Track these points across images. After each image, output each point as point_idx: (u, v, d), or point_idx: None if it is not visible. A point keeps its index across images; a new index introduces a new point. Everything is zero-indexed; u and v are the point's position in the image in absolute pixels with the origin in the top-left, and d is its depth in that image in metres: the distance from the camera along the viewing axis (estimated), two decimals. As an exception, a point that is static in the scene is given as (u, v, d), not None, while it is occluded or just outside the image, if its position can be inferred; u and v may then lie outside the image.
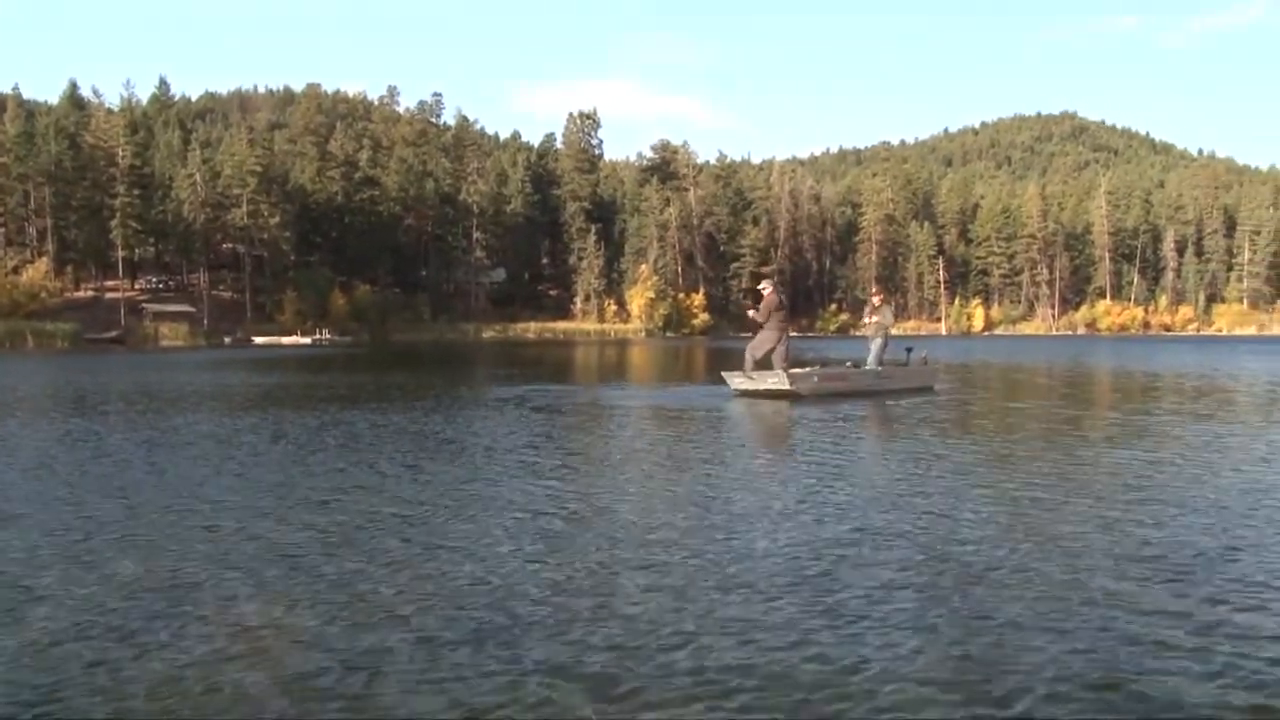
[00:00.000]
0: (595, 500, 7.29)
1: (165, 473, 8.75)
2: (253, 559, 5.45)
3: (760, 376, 17.77)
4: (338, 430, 12.15)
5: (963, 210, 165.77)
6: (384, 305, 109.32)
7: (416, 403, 16.70)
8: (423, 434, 11.73)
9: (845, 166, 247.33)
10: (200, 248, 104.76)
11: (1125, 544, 5.71)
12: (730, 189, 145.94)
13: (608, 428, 12.70)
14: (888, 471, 8.66)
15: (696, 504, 7.08)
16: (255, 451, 10.26)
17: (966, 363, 35.83)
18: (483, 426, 12.61)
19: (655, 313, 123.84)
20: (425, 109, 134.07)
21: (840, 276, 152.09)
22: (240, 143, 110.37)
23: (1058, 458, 9.46)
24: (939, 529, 6.13)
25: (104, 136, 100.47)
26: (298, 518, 6.61)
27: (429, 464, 9.22)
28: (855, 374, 19.02)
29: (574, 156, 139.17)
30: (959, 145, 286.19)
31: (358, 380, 25.15)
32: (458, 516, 6.64)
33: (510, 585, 4.91)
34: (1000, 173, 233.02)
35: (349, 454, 9.93)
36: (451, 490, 7.75)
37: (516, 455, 9.80)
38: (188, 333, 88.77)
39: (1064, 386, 22.95)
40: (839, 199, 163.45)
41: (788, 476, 8.43)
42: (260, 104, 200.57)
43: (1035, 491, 7.49)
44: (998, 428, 12.71)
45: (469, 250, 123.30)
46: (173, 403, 17.20)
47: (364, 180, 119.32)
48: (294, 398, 18.51)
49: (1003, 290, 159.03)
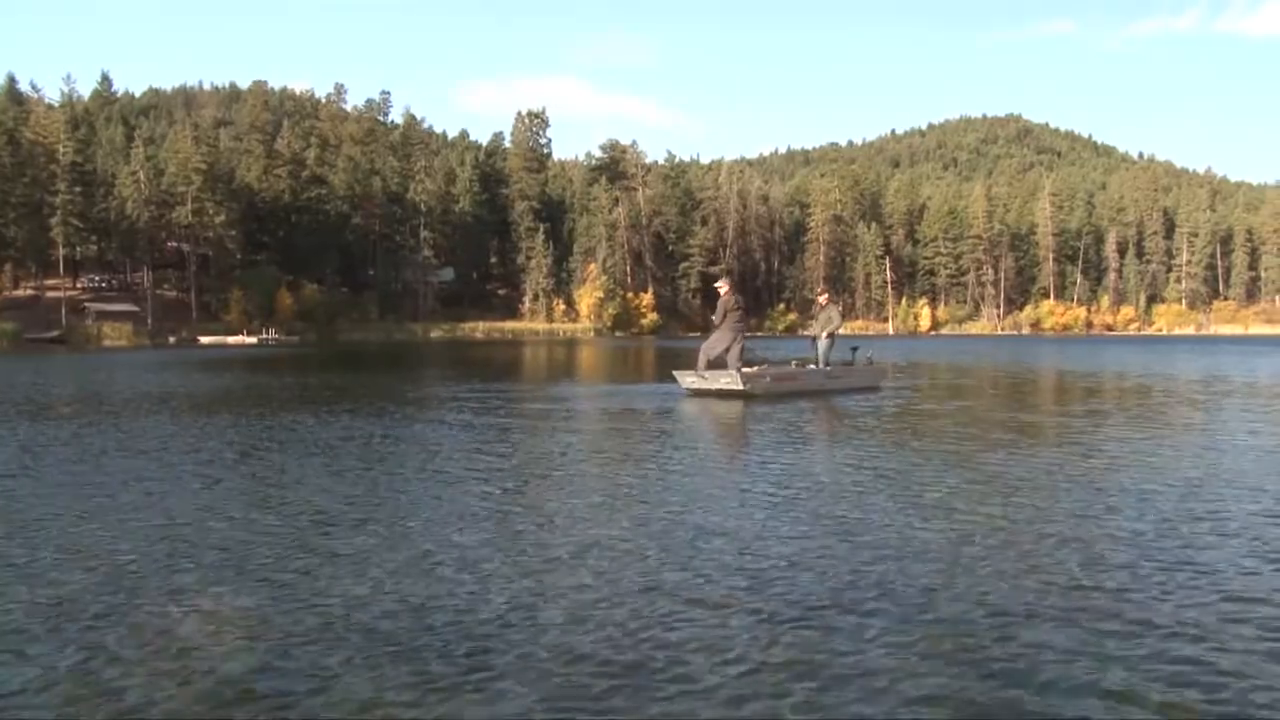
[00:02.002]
0: (540, 502, 7.25)
1: (108, 480, 8.60)
2: (199, 561, 5.37)
3: (713, 376, 17.77)
4: (283, 433, 12.02)
5: (910, 211, 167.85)
6: (331, 305, 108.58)
7: (360, 404, 16.56)
8: (363, 437, 11.63)
9: (794, 167, 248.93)
10: (144, 246, 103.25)
11: (1031, 537, 5.81)
12: (679, 189, 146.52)
13: (556, 428, 12.63)
14: (837, 471, 8.72)
15: (648, 502, 7.09)
16: (204, 457, 10.12)
17: (912, 362, 36.21)
18: (425, 429, 12.53)
19: (604, 312, 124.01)
20: (373, 107, 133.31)
21: (788, 276, 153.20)
22: (185, 140, 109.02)
23: (991, 455, 9.62)
24: (890, 523, 6.20)
25: (44, 132, 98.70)
26: (243, 520, 6.53)
27: (359, 469, 9.15)
28: (806, 374, 19.15)
29: (522, 156, 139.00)
30: (906, 146, 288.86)
31: (305, 381, 24.89)
32: (382, 520, 6.58)
33: (428, 594, 4.88)
34: (947, 174, 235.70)
35: (291, 458, 9.83)
36: (383, 495, 7.68)
37: (457, 458, 9.71)
38: (131, 332, 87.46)
39: (1005, 386, 23.31)
40: (787, 199, 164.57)
41: (748, 474, 8.47)
42: (205, 101, 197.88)
43: (971, 488, 7.61)
44: (938, 427, 12.86)
45: (417, 249, 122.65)
46: (123, 406, 16.94)
47: (311, 179, 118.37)
48: (240, 400, 18.29)
49: (949, 290, 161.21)
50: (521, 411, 15.11)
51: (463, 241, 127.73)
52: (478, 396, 18.13)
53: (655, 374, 27.54)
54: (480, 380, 24.36)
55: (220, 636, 4.18)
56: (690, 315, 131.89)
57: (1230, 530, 6.08)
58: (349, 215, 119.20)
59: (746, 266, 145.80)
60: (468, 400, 17.14)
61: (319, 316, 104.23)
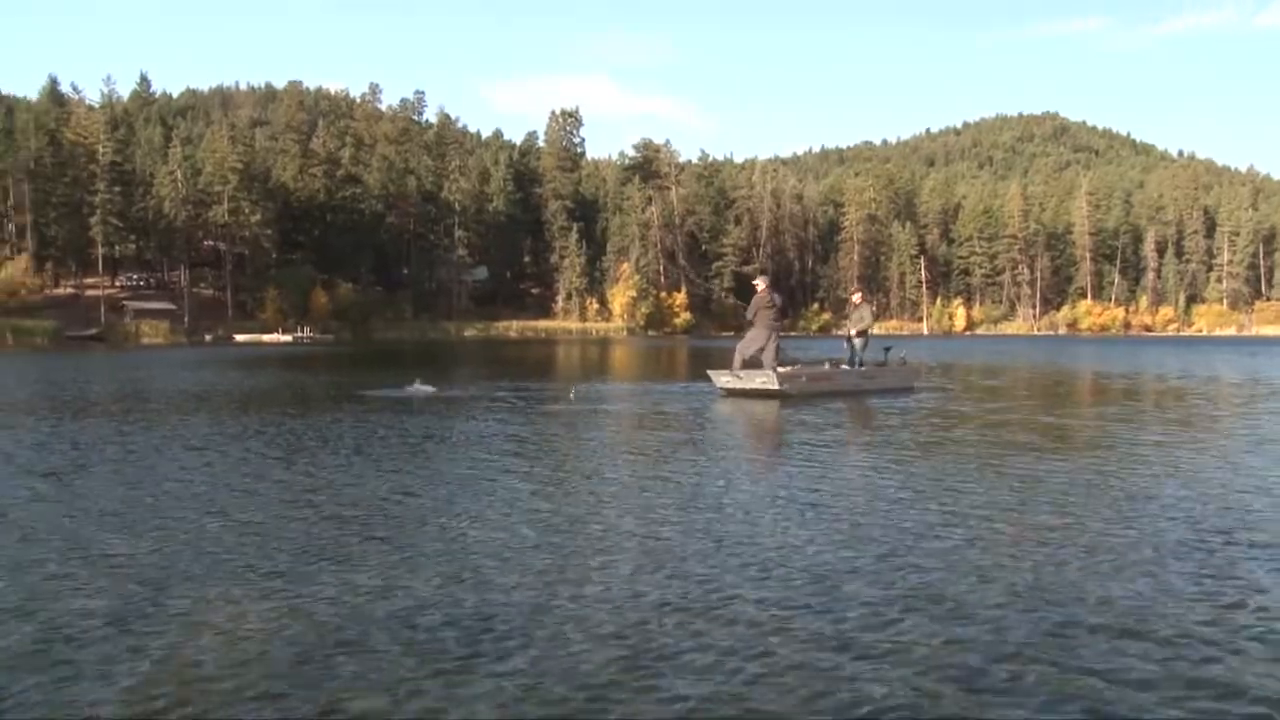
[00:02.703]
0: (575, 503, 7.27)
1: (149, 478, 8.71)
2: (245, 566, 5.45)
3: (748, 376, 17.70)
4: (325, 429, 12.13)
5: (944, 210, 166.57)
6: (366, 303, 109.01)
7: (398, 404, 16.66)
8: (399, 435, 11.71)
9: (828, 166, 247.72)
10: (181, 245, 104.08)
11: (1074, 549, 5.78)
12: (712, 188, 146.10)
13: (590, 427, 12.68)
14: (873, 475, 8.71)
15: (687, 506, 7.11)
16: (248, 455, 10.22)
17: (946, 362, 35.98)
18: (461, 428, 12.58)
19: (637, 311, 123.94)
20: (407, 107, 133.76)
21: (822, 276, 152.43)
22: (222, 140, 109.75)
23: (1028, 460, 9.55)
24: (934, 537, 6.18)
25: (84, 133, 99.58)
26: (293, 518, 6.61)
27: (394, 468, 9.21)
28: (840, 374, 19.09)
29: (556, 155, 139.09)
30: (941, 145, 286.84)
31: (339, 380, 25.09)
32: (426, 520, 6.65)
33: (476, 589, 4.93)
34: (982, 173, 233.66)
35: (331, 454, 9.92)
36: (426, 493, 7.74)
37: (495, 457, 9.78)
38: (168, 331, 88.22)
39: (1041, 388, 23.11)
40: (821, 198, 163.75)
41: (782, 479, 8.47)
42: (242, 101, 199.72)
43: (1008, 494, 7.57)
44: (974, 430, 12.78)
45: (451, 248, 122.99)
46: (165, 404, 17.13)
47: (346, 178, 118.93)
48: (279, 398, 18.45)
49: (984, 290, 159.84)
50: (553, 412, 15.14)
51: (496, 240, 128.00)
52: (511, 396, 18.19)
53: (689, 373, 27.56)
54: (513, 379, 24.42)
55: (267, 636, 4.24)
56: (724, 315, 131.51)
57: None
58: (383, 214, 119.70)
59: (780, 266, 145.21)
60: (502, 400, 17.20)
61: (353, 315, 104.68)
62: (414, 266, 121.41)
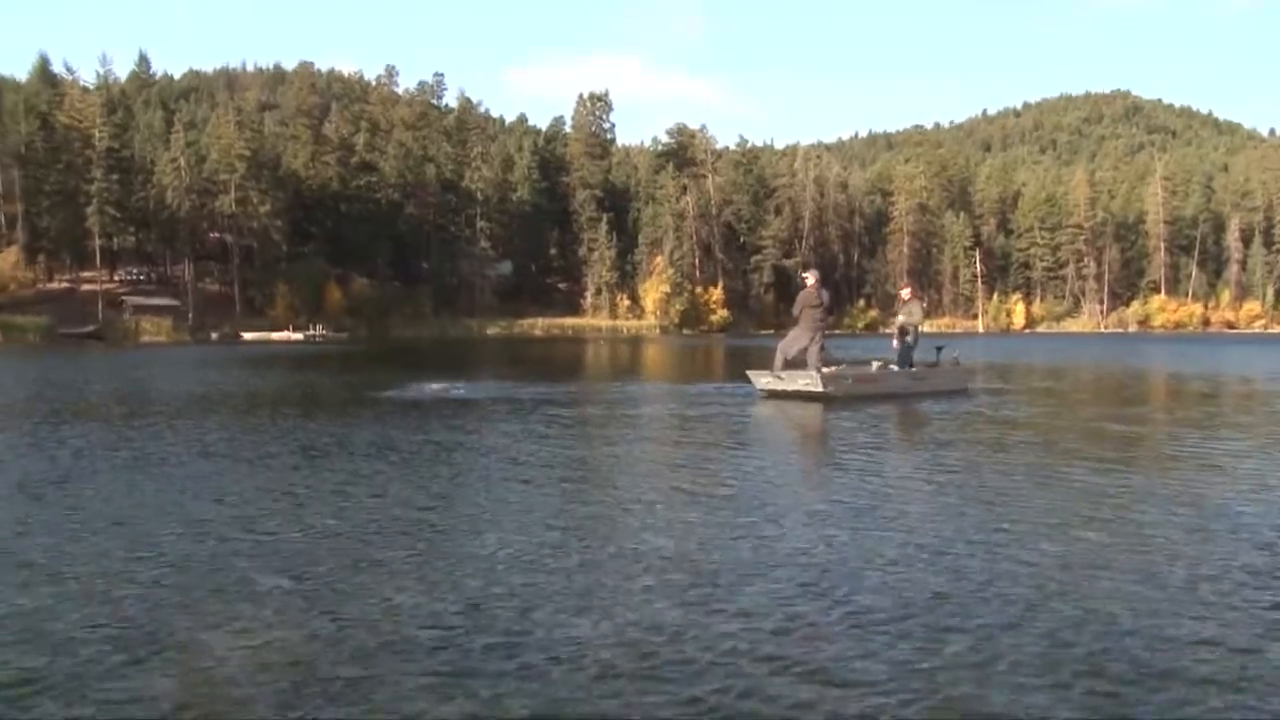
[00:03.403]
0: (607, 515, 7.33)
1: (157, 487, 8.83)
2: (246, 577, 5.54)
3: (790, 376, 17.69)
4: (342, 434, 12.24)
5: (1002, 199, 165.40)
6: (382, 299, 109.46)
7: (421, 407, 16.75)
8: (425, 439, 11.80)
9: (875, 152, 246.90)
10: (184, 237, 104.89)
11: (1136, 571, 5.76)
12: (751, 176, 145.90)
13: (622, 431, 12.74)
14: (923, 485, 8.70)
15: (716, 516, 7.15)
16: (264, 460, 10.33)
17: (1003, 362, 35.73)
18: (488, 433, 12.66)
19: (671, 308, 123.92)
20: (426, 90, 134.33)
21: (869, 270, 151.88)
22: (227, 125, 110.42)
23: (1094, 471, 9.43)
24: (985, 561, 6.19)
25: (78, 116, 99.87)
26: (305, 522, 6.71)
27: (429, 472, 9.30)
28: (889, 375, 19.04)
29: (584, 141, 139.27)
30: (999, 128, 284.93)
31: (353, 379, 25.23)
32: (458, 529, 6.72)
33: (518, 596, 5.00)
34: (1044, 158, 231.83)
35: (351, 461, 10.02)
36: (454, 500, 7.82)
37: (518, 465, 9.83)
38: (171, 328, 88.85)
39: (1108, 391, 22.92)
40: (868, 187, 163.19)
41: (826, 487, 8.49)
42: (249, 83, 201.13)
43: (1072, 508, 7.55)
44: (1032, 437, 12.71)
45: (473, 241, 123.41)
46: (168, 408, 17.29)
47: (361, 165, 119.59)
48: (292, 400, 18.60)
49: (1045, 285, 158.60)
50: (583, 416, 15.22)
51: (521, 232, 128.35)
52: (538, 398, 18.22)
53: (726, 374, 27.53)
54: (539, 380, 24.42)
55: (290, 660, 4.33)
56: (763, 311, 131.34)
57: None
58: (401, 204, 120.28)
59: (824, 259, 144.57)
60: (528, 402, 17.24)
61: (369, 312, 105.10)
62: (433, 260, 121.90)
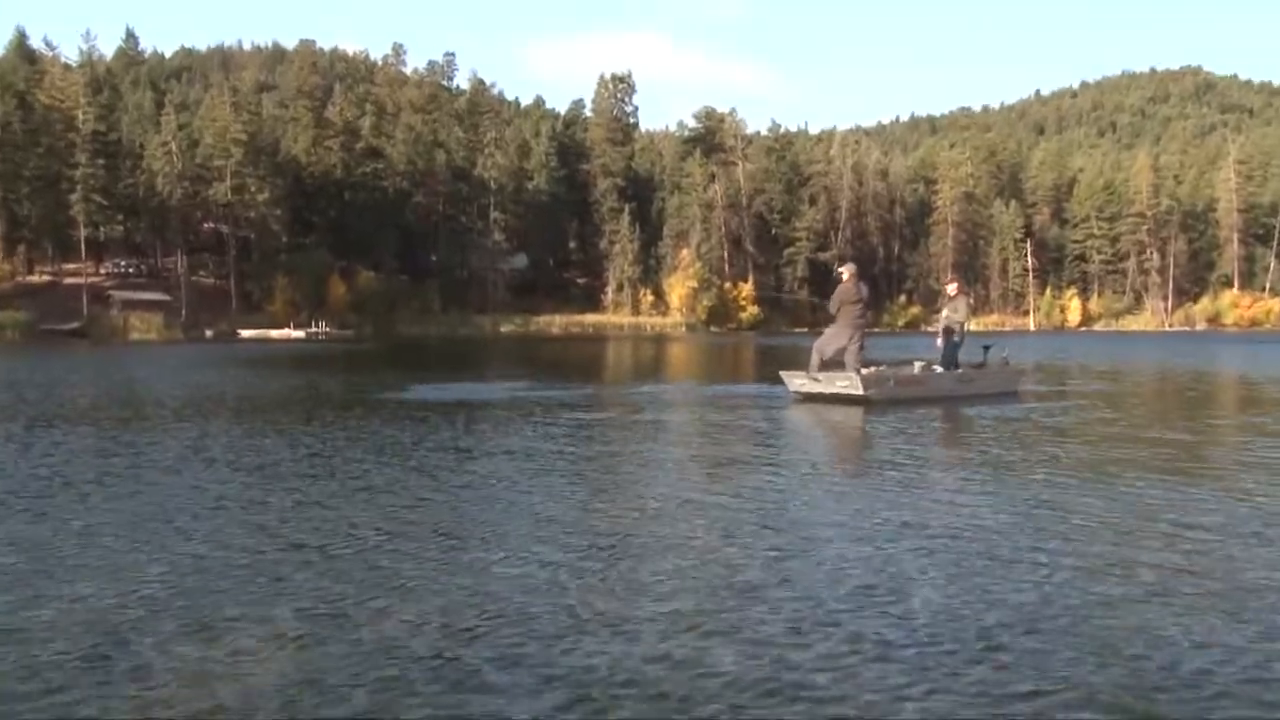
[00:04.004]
0: (631, 528, 7.27)
1: (152, 498, 8.85)
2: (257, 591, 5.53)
3: (828, 378, 17.64)
4: (352, 440, 12.26)
5: (1057, 186, 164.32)
6: (389, 294, 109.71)
7: (433, 411, 16.77)
8: (438, 444, 11.79)
9: (918, 136, 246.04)
10: (177, 227, 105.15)
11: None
12: (784, 163, 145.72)
13: (643, 438, 12.72)
14: (972, 498, 8.63)
15: (745, 530, 7.10)
16: (275, 469, 10.34)
17: (1057, 363, 35.51)
18: (504, 438, 12.65)
19: (698, 304, 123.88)
20: (435, 71, 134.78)
21: (911, 264, 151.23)
22: (223, 107, 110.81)
23: (1161, 485, 9.26)
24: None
25: (60, 96, 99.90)
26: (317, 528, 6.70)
27: (441, 477, 9.29)
28: (934, 377, 18.96)
29: (605, 126, 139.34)
30: (1054, 110, 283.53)
31: (361, 380, 25.29)
32: (468, 535, 6.70)
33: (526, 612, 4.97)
34: (1103, 141, 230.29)
35: (362, 466, 10.02)
36: (464, 506, 7.80)
37: (540, 471, 9.83)
38: (162, 325, 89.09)
39: (1172, 395, 22.73)
40: (910, 174, 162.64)
41: (867, 500, 8.43)
42: (246, 62, 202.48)
43: (1137, 527, 7.45)
44: (1088, 445, 12.57)
45: (486, 232, 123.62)
46: (160, 411, 17.34)
47: (366, 151, 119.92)
48: (297, 403, 18.64)
49: (1103, 279, 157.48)
50: (602, 421, 15.19)
51: (537, 223, 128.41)
52: (554, 401, 18.19)
53: (757, 375, 27.52)
54: (556, 381, 24.37)
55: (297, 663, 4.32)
56: (796, 308, 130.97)
57: None
58: (409, 193, 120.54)
59: (862, 252, 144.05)
60: (542, 406, 17.21)
61: (375, 308, 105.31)
62: (443, 253, 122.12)
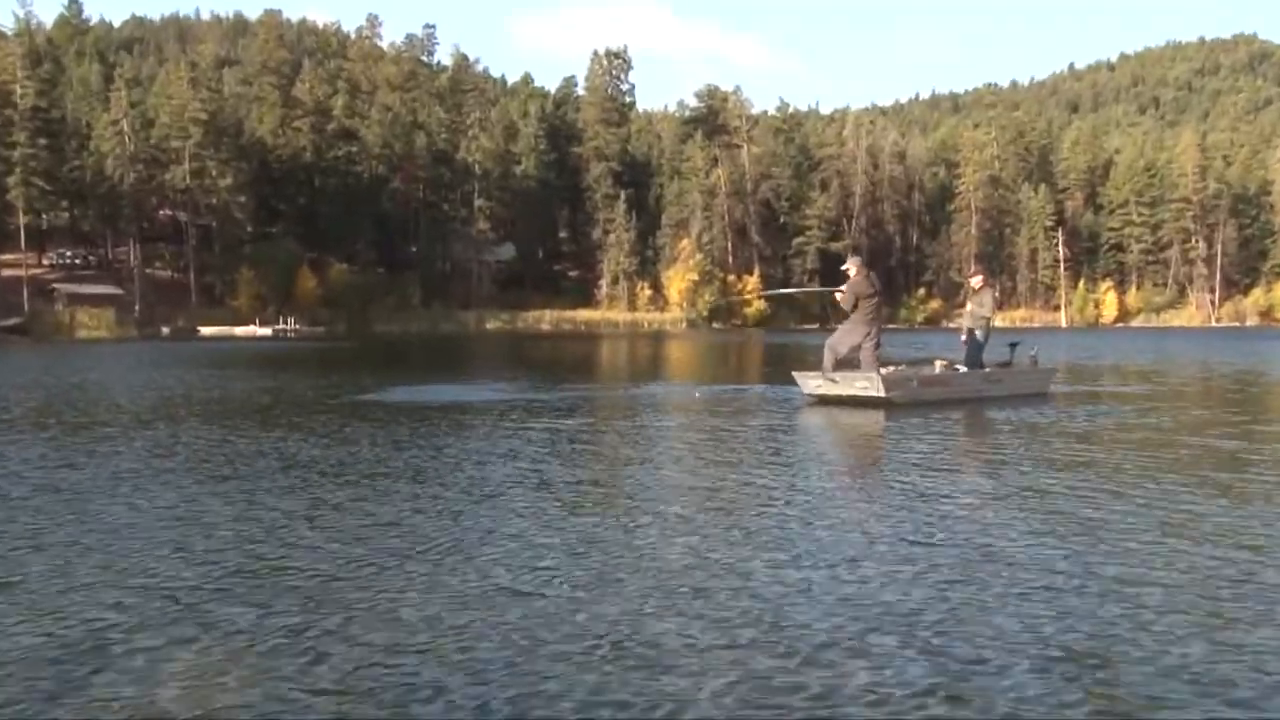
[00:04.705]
0: (618, 544, 7.15)
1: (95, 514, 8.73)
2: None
3: (845, 379, 17.63)
4: (321, 449, 12.15)
5: (1091, 169, 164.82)
6: (364, 288, 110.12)
7: (415, 416, 16.70)
8: (415, 453, 11.69)
9: (939, 116, 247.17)
10: (129, 214, 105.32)
11: None
12: (793, 146, 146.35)
13: (645, 442, 12.61)
14: (1003, 511, 8.49)
15: (755, 547, 6.97)
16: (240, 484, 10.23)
17: (1091, 362, 35.44)
18: (493, 444, 12.55)
19: (699, 299, 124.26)
20: (414, 45, 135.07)
21: (930, 254, 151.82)
22: (179, 83, 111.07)
23: (1190, 494, 9.06)
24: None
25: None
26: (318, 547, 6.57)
27: (410, 494, 9.18)
28: (958, 377, 18.91)
29: (599, 105, 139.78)
30: (1089, 85, 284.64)
31: (334, 381, 25.21)
32: (445, 561, 6.57)
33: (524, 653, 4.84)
34: (1144, 119, 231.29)
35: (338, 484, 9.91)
36: (453, 523, 7.68)
37: (529, 484, 9.71)
38: (113, 321, 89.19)
39: (1219, 397, 22.62)
40: (930, 157, 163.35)
41: (889, 515, 8.30)
42: (204, 34, 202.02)
43: (1156, 543, 7.31)
44: (1125, 451, 12.39)
45: (469, 221, 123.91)
46: (110, 417, 17.25)
47: (338, 133, 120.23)
48: (264, 410, 18.56)
49: (1143, 270, 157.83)
50: (595, 427, 15.12)
51: (525, 212, 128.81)
52: (543, 405, 18.12)
53: (765, 375, 27.55)
54: (546, 382, 24.31)
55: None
56: (806, 302, 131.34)
57: None
58: (386, 179, 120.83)
59: (878, 242, 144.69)
60: (530, 409, 17.12)
61: (349, 303, 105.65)
62: (423, 243, 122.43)
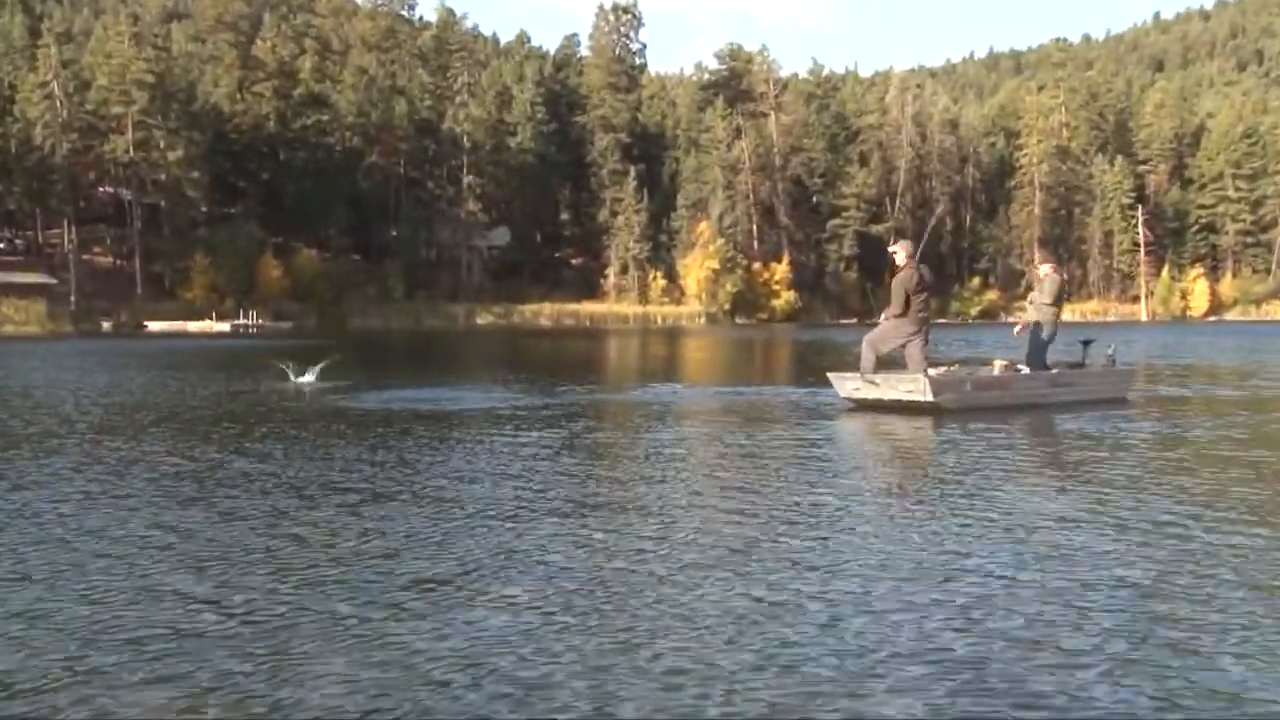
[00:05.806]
0: (632, 563, 7.12)
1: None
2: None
3: (887, 381, 17.54)
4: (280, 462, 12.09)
5: (1178, 137, 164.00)
6: (337, 278, 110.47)
7: (393, 429, 16.63)
8: (409, 469, 11.62)
9: (997, 78, 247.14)
10: (63, 192, 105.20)
11: None
12: (828, 113, 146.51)
13: (653, 458, 12.45)
14: (1069, 529, 8.34)
15: (782, 568, 6.87)
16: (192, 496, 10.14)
17: (1176, 363, 35.34)
18: (491, 454, 12.50)
19: (720, 290, 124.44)
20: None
21: (987, 238, 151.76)
22: (120, 40, 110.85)
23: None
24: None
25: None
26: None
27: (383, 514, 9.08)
28: (1020, 379, 18.73)
29: (605, 69, 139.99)
30: (1176, 39, 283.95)
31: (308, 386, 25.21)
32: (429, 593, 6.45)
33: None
34: (1244, 77, 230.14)
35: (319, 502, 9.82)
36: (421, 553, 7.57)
37: (526, 495, 9.67)
38: (44, 314, 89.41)
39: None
40: (987, 125, 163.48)
41: (935, 535, 8.16)
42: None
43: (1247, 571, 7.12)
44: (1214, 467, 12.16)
45: (457, 202, 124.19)
46: (35, 425, 17.25)
47: (306, 99, 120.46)
48: (223, 420, 18.52)
49: (1241, 256, 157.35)
50: (603, 435, 15.12)
51: (521, 190, 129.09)
52: (543, 411, 18.08)
53: (796, 377, 27.64)
54: (546, 383, 24.29)
55: None
56: (842, 294, 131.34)
57: None
58: (361, 152, 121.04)
59: (926, 224, 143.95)
60: (528, 415, 17.09)
61: (320, 295, 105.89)
62: (405, 227, 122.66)
